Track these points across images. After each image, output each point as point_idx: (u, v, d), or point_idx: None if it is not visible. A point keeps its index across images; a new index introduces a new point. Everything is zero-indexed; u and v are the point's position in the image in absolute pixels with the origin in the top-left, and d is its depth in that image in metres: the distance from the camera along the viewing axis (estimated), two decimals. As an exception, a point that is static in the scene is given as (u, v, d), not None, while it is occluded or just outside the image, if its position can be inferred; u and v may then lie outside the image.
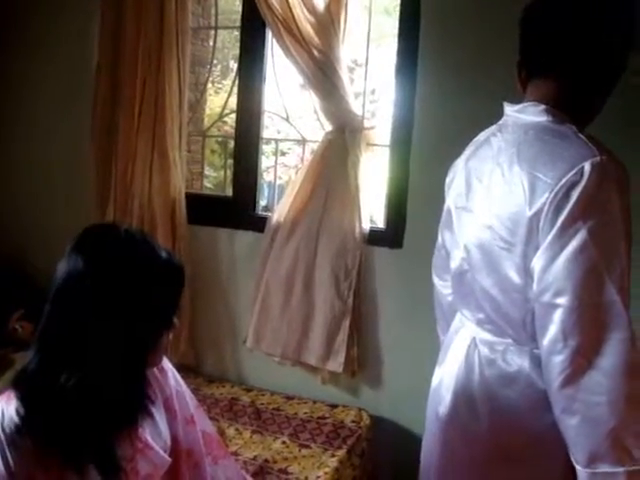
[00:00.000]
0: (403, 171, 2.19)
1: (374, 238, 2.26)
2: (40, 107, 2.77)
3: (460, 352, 1.30)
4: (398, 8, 2.18)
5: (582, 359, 1.00)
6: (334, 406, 2.24)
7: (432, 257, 1.70)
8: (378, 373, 2.31)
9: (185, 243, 2.42)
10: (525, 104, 1.22)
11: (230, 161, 2.51)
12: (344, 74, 2.20)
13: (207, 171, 2.68)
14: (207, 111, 2.74)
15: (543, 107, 1.16)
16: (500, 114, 1.36)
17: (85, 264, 1.03)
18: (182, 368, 1.28)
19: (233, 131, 2.52)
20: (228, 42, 2.98)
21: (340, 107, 2.22)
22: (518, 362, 1.17)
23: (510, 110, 1.26)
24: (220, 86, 2.95)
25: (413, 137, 2.16)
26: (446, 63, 2.07)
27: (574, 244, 1.01)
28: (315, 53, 2.17)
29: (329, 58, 2.17)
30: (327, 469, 1.82)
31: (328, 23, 2.13)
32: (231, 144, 2.51)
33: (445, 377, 1.34)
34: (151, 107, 2.34)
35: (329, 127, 2.27)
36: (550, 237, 1.04)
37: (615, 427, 0.97)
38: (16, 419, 0.98)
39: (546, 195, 1.05)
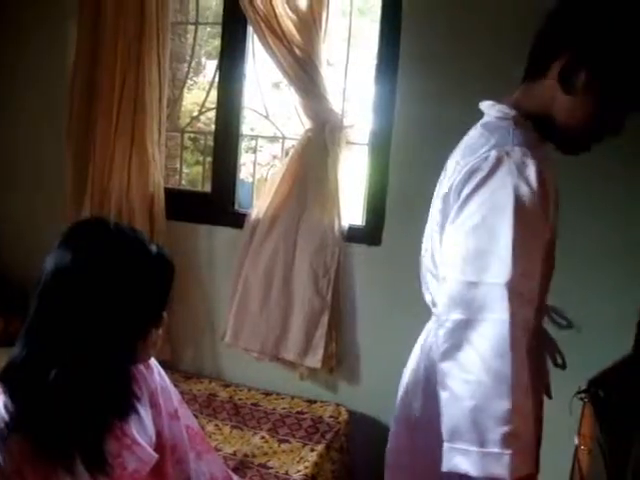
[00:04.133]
0: (382, 169, 2.22)
1: (353, 235, 2.29)
2: (14, 102, 2.72)
3: (420, 340, 1.33)
4: (375, 8, 2.21)
5: (460, 335, 1.02)
6: (312, 402, 2.26)
7: (410, 254, 1.72)
8: (356, 369, 2.33)
9: (163, 239, 2.40)
10: (492, 103, 1.24)
11: (203, 158, 2.51)
12: (325, 72, 2.22)
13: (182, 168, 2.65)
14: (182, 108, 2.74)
15: (499, 106, 1.19)
16: (482, 116, 1.40)
17: (74, 259, 1.02)
18: (159, 364, 1.28)
19: (208, 128, 2.52)
20: (201, 39, 2.98)
21: (320, 105, 2.24)
22: None
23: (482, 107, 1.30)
24: (192, 83, 2.93)
25: (393, 136, 2.19)
26: (427, 64, 2.10)
27: (467, 224, 1.07)
28: (296, 51, 2.18)
29: (310, 56, 2.19)
30: (307, 463, 1.84)
31: (310, 21, 2.15)
32: (203, 141, 2.50)
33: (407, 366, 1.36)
34: (130, 103, 2.32)
35: (309, 125, 2.29)
36: (451, 216, 1.12)
37: (477, 407, 0.97)
38: (5, 414, 0.97)
39: (454, 176, 1.13)
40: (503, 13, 2.01)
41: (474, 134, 1.21)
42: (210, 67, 2.50)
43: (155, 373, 1.28)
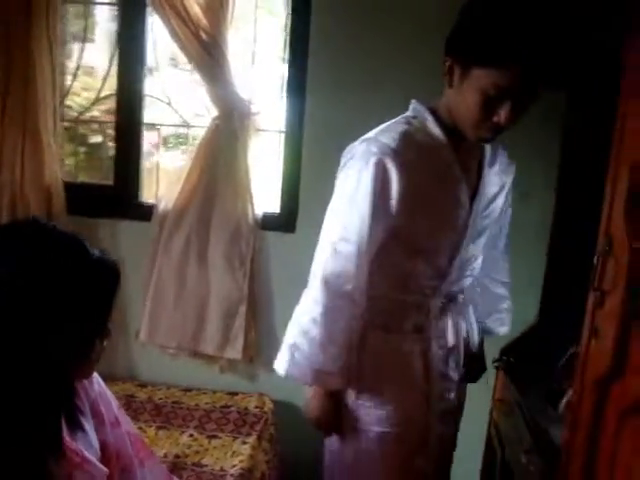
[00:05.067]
0: (295, 156, 2.22)
1: (267, 223, 2.27)
2: None
3: None
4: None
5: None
6: (234, 394, 2.23)
7: None
8: (275, 357, 2.32)
9: (63, 236, 2.24)
10: (414, 101, 1.42)
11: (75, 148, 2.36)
12: (231, 57, 2.17)
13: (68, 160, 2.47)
14: (76, 94, 2.53)
15: (413, 105, 1.39)
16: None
17: (4, 266, 0.92)
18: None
19: (107, 116, 2.38)
20: (94, 20, 2.77)
21: (228, 91, 2.18)
22: None
23: None
24: (84, 67, 2.70)
25: (305, 123, 2.18)
26: (338, 53, 2.11)
27: (329, 207, 1.39)
28: (202, 35, 2.11)
29: (217, 41, 2.12)
30: (241, 457, 1.82)
31: (217, 5, 2.08)
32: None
33: None
34: (19, 88, 2.12)
35: (216, 112, 2.23)
36: None
37: (291, 344, 1.38)
38: None
39: None
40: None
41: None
42: (105, 51, 2.33)
43: (94, 381, 1.20)
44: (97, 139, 2.52)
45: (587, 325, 1.18)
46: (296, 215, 2.25)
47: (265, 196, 2.32)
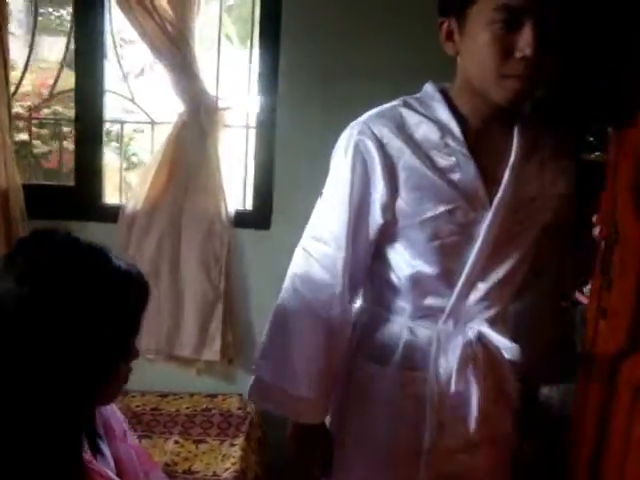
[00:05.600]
0: (268, 151, 2.18)
1: (241, 220, 2.22)
2: None
3: None
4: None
5: None
6: (213, 396, 2.17)
7: (299, 237, 1.68)
8: (253, 357, 2.28)
9: (24, 241, 2.11)
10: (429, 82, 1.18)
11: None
12: (198, 51, 2.10)
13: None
14: (25, 90, 2.39)
15: (426, 85, 1.16)
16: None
17: (23, 283, 0.83)
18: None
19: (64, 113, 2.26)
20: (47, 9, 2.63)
21: (195, 86, 2.11)
22: None
23: None
24: (35, 61, 2.55)
25: (277, 117, 2.15)
26: (312, 44, 2.07)
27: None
28: (169, 27, 2.03)
29: (183, 33, 2.05)
30: (232, 459, 1.78)
31: (184, -5, 2.01)
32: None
33: None
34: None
35: (182, 108, 2.15)
36: None
37: (256, 362, 1.23)
38: None
39: None
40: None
41: None
42: (59, 44, 2.21)
43: None
44: (22, 137, 2.39)
45: (594, 306, 1.21)
46: (270, 211, 2.22)
47: (236, 193, 2.27)
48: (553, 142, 1.14)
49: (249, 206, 2.28)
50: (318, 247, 1.14)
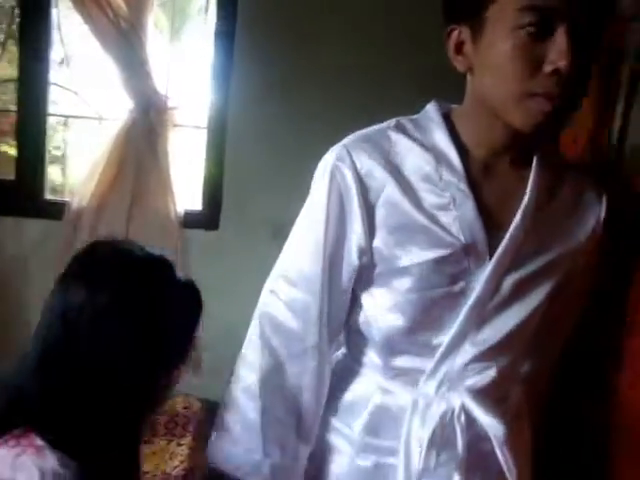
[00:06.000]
0: (218, 152, 2.18)
1: (190, 220, 2.22)
2: None
3: None
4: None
5: None
6: (158, 397, 2.15)
7: (247, 238, 1.64)
8: (197, 356, 2.27)
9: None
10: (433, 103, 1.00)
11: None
12: (150, 48, 2.09)
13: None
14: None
15: (428, 106, 0.97)
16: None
17: (94, 298, 0.87)
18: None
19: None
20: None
21: (145, 83, 2.10)
22: None
23: None
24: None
25: (229, 117, 2.16)
26: (265, 45, 2.08)
27: None
28: (121, 22, 2.01)
29: (136, 28, 2.03)
30: (181, 458, 1.78)
31: (138, -8, 1.99)
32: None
33: None
34: None
35: (131, 105, 2.13)
36: None
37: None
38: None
39: None
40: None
41: None
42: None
43: None
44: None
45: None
46: (219, 212, 2.22)
47: (184, 193, 2.26)
48: (581, 185, 0.94)
49: (198, 206, 2.28)
50: (288, 290, 0.96)
